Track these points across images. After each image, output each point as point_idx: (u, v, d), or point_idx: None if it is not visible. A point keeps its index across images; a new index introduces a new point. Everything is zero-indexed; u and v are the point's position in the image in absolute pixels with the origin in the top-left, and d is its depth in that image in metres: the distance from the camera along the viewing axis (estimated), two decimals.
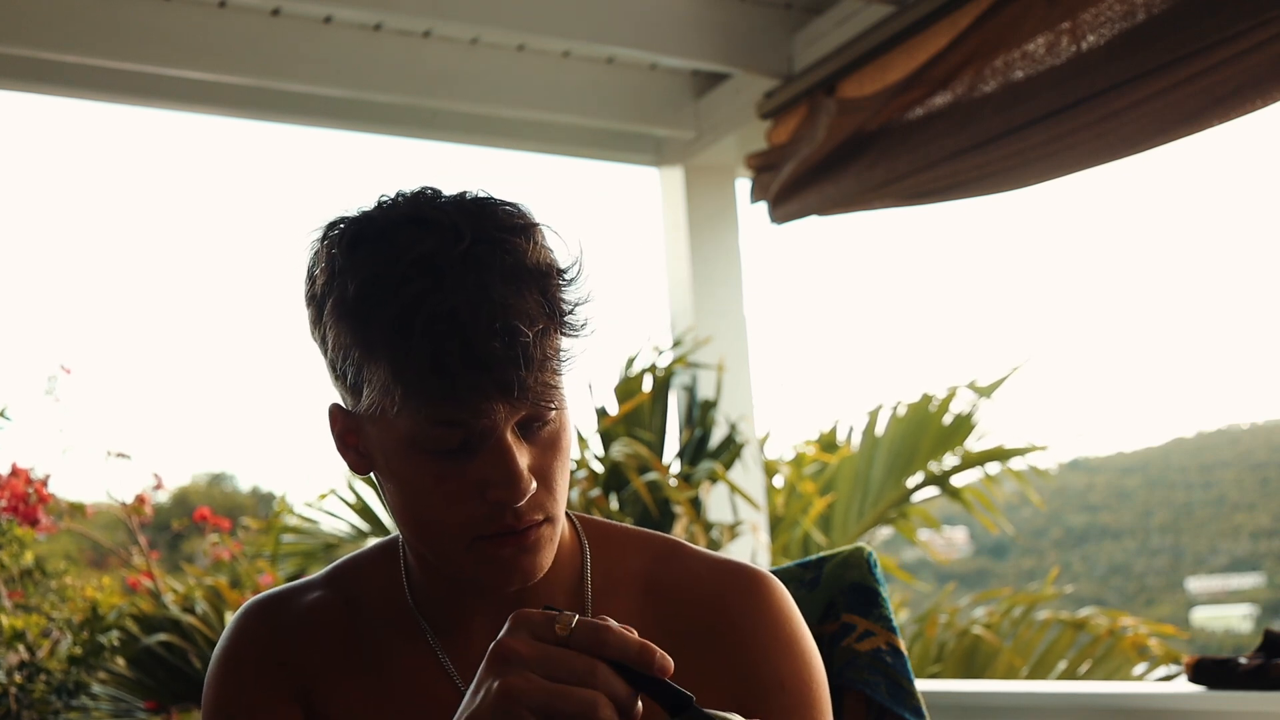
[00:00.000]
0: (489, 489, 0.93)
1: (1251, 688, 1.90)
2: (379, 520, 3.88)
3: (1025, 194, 2.80)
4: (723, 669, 1.03)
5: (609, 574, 1.08)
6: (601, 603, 1.06)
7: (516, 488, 0.92)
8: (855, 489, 4.25)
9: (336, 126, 3.49)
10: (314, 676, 1.05)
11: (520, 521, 0.94)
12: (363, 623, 1.07)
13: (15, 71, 3.02)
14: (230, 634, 1.09)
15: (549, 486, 0.96)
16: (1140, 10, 2.31)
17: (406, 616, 1.06)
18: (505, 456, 0.92)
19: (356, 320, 0.92)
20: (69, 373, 3.62)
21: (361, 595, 1.09)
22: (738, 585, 1.06)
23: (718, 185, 3.77)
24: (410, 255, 0.91)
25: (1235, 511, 25.27)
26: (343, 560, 1.13)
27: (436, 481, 0.94)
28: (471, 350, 0.88)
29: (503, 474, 0.92)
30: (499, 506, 0.94)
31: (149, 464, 5.15)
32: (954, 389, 4.19)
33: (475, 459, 0.93)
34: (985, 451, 4.13)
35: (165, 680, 3.42)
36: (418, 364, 0.89)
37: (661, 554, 1.09)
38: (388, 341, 0.90)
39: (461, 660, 1.04)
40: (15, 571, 3.12)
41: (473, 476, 0.93)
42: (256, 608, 1.09)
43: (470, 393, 0.89)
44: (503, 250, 0.92)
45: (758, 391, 3.71)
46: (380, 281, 0.91)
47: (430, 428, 0.92)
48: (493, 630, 1.03)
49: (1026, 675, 3.77)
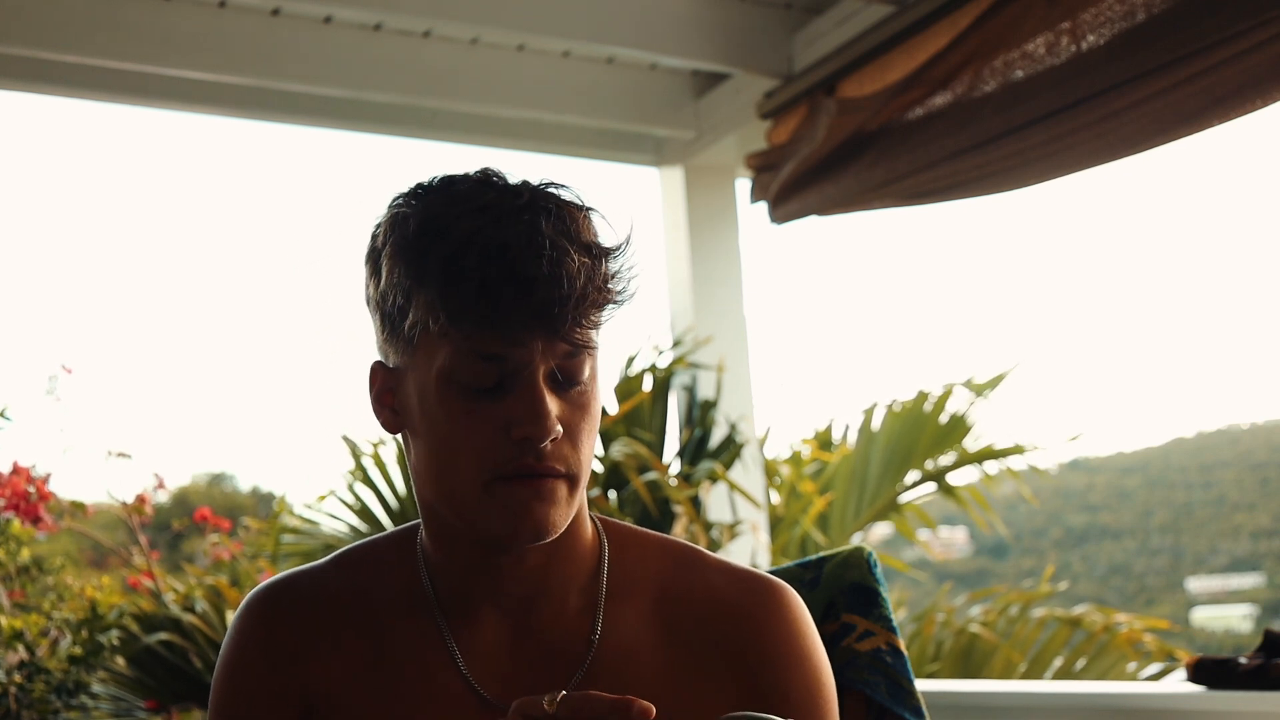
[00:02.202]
0: (515, 426, 0.96)
1: (1251, 688, 1.90)
2: (378, 521, 3.88)
3: (1025, 194, 2.80)
4: (734, 679, 1.04)
5: (626, 577, 1.08)
6: (614, 605, 1.06)
7: (543, 424, 0.96)
8: (852, 488, 4.26)
9: (336, 126, 3.49)
10: (319, 665, 1.05)
11: (541, 463, 0.97)
12: (372, 609, 1.07)
13: (15, 71, 3.02)
14: (233, 637, 1.09)
15: (574, 443, 0.99)
16: (1140, 10, 2.31)
17: (418, 605, 1.07)
18: (535, 394, 0.96)
19: (415, 253, 0.97)
20: (70, 372, 3.63)
21: (373, 581, 1.09)
22: (754, 596, 1.06)
23: (718, 185, 3.77)
24: (472, 203, 0.97)
25: (1235, 511, 25.27)
26: (355, 545, 1.14)
27: (466, 418, 0.97)
28: (516, 273, 0.93)
29: (530, 411, 0.96)
30: (523, 444, 0.96)
31: (149, 464, 5.14)
32: (950, 387, 4.20)
33: (506, 399, 0.97)
34: (981, 450, 4.13)
35: (165, 679, 3.42)
36: (465, 289, 0.94)
37: (680, 561, 1.10)
38: (440, 270, 0.95)
39: (470, 651, 1.04)
40: (12, 569, 3.12)
41: (502, 415, 0.97)
42: (259, 603, 1.09)
43: (514, 319, 0.94)
44: (558, 213, 0.98)
45: (758, 391, 3.72)
46: (439, 220, 0.97)
47: (469, 360, 0.96)
48: (503, 623, 1.05)
49: (1023, 672, 3.78)
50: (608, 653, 1.04)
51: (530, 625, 1.05)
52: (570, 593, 1.06)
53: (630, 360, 3.72)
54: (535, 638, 1.05)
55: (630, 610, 1.06)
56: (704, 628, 1.05)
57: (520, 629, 1.05)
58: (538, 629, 1.05)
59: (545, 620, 1.05)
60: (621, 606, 1.06)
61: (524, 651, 1.04)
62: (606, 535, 1.10)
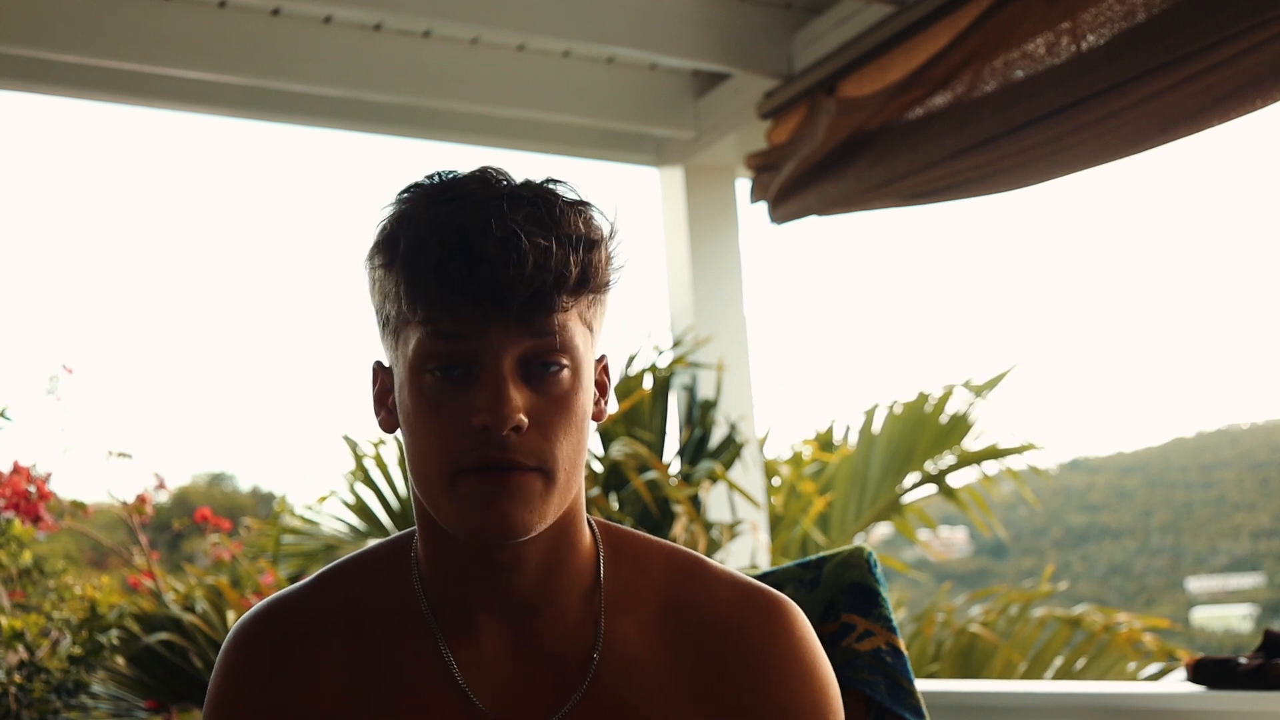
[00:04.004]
0: (474, 415, 0.93)
1: (1251, 688, 1.90)
2: (379, 521, 3.88)
3: (1025, 194, 2.80)
4: (737, 692, 1.02)
5: (627, 587, 1.06)
6: (615, 617, 1.04)
7: (500, 411, 0.93)
8: (852, 488, 4.26)
9: (336, 126, 3.49)
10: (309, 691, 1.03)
11: (504, 454, 0.94)
12: (363, 625, 1.05)
13: (15, 71, 3.02)
14: (220, 670, 1.06)
15: (545, 434, 0.96)
16: (1140, 10, 2.31)
17: (412, 616, 1.04)
18: (495, 381, 0.94)
19: (387, 243, 0.98)
20: (70, 372, 3.62)
21: (366, 594, 1.07)
22: (757, 609, 1.05)
23: (718, 185, 3.77)
24: (450, 193, 0.97)
25: (1235, 511, 25.28)
26: (345, 559, 1.11)
27: (434, 411, 0.95)
28: (471, 252, 0.92)
29: (488, 398, 0.93)
30: (482, 434, 0.93)
31: (150, 464, 5.14)
32: (950, 388, 4.20)
33: (472, 389, 0.95)
34: (981, 451, 4.14)
35: (165, 679, 3.42)
36: (423, 269, 0.93)
37: (684, 571, 1.08)
38: (405, 253, 0.95)
39: (467, 663, 1.02)
40: (14, 571, 3.11)
41: (465, 404, 0.94)
42: (244, 634, 1.06)
43: (464, 296, 0.93)
44: (532, 200, 0.96)
45: (758, 391, 3.72)
46: (413, 210, 0.98)
47: (432, 341, 0.95)
48: (501, 634, 1.02)
49: (1023, 672, 3.78)
50: (609, 667, 1.02)
51: (529, 636, 1.02)
52: (570, 602, 1.03)
53: (630, 359, 3.72)
54: (534, 649, 1.02)
55: (632, 622, 1.04)
56: (708, 641, 1.03)
57: (519, 639, 1.02)
58: (537, 639, 1.02)
59: (545, 630, 1.03)
60: (622, 618, 1.04)
61: (523, 663, 1.02)
62: (603, 541, 1.08)
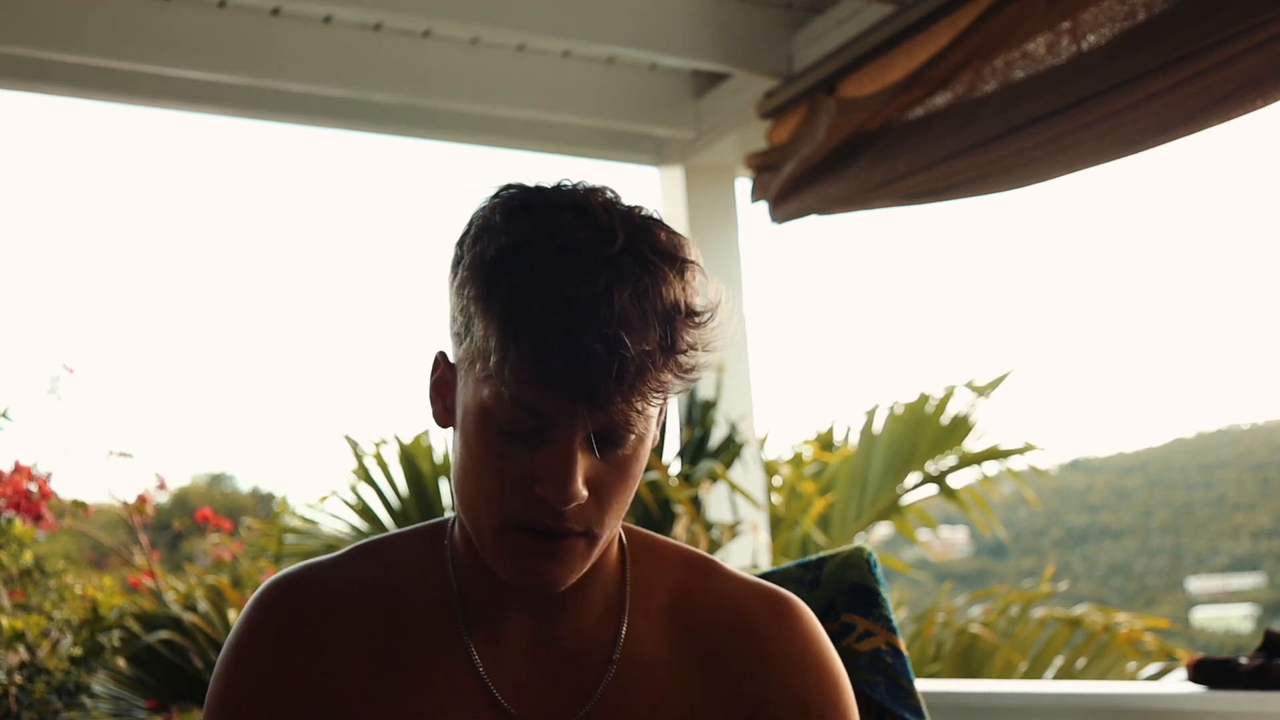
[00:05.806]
0: (539, 483, 0.92)
1: (1252, 688, 1.90)
2: (380, 521, 3.88)
3: (1025, 194, 2.80)
4: (748, 690, 1.03)
5: (644, 587, 1.07)
6: (634, 616, 1.05)
7: (565, 492, 0.92)
8: (853, 488, 4.26)
9: (336, 126, 3.49)
10: (329, 665, 1.02)
11: (558, 525, 0.94)
12: (391, 605, 1.05)
13: (15, 71, 3.02)
14: (241, 629, 1.05)
15: (602, 504, 0.95)
16: (1141, 10, 2.31)
17: (440, 603, 1.05)
18: (566, 460, 0.92)
19: (487, 278, 0.92)
20: (71, 372, 3.63)
21: (396, 573, 1.06)
22: (767, 607, 1.06)
23: (718, 185, 3.77)
24: (559, 240, 0.91)
25: (1235, 511, 25.28)
26: (380, 537, 1.11)
27: (497, 458, 0.94)
28: (573, 345, 0.88)
29: (557, 475, 0.92)
30: (542, 504, 0.93)
31: (150, 463, 5.15)
32: (951, 388, 4.20)
33: (538, 451, 0.93)
34: (982, 451, 4.14)
35: (166, 679, 3.42)
36: (521, 341, 0.89)
37: (696, 571, 1.09)
38: (503, 309, 0.90)
39: (489, 656, 1.03)
40: (14, 571, 3.11)
41: (530, 466, 0.93)
42: (270, 597, 1.05)
43: (558, 386, 0.89)
44: (646, 269, 0.91)
45: (758, 391, 3.72)
46: (520, 251, 0.91)
47: (509, 407, 0.92)
48: (526, 630, 1.03)
49: (1023, 672, 3.78)
50: (629, 665, 1.03)
51: (553, 633, 1.03)
52: (595, 601, 1.05)
53: None
54: (555, 645, 1.03)
55: (649, 621, 1.06)
56: (720, 638, 1.05)
57: (541, 635, 1.03)
58: (559, 636, 1.04)
59: (567, 628, 1.04)
60: (641, 617, 1.05)
61: (543, 659, 1.03)
62: (629, 544, 1.09)
